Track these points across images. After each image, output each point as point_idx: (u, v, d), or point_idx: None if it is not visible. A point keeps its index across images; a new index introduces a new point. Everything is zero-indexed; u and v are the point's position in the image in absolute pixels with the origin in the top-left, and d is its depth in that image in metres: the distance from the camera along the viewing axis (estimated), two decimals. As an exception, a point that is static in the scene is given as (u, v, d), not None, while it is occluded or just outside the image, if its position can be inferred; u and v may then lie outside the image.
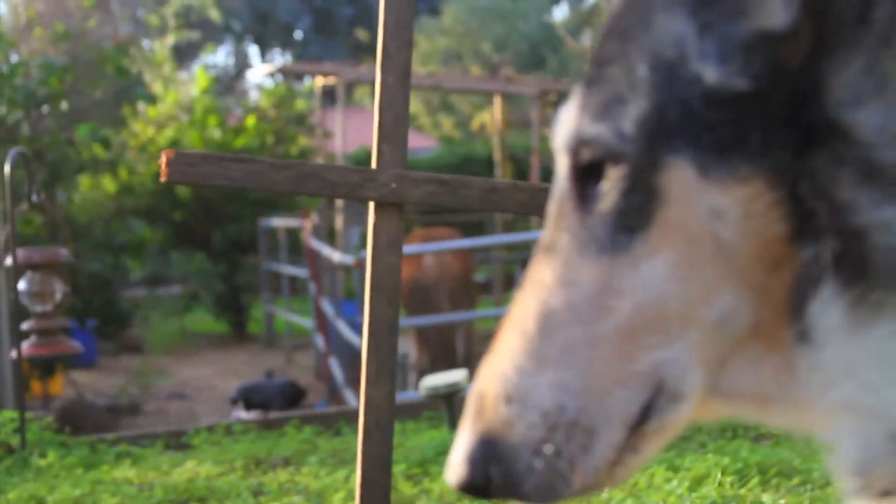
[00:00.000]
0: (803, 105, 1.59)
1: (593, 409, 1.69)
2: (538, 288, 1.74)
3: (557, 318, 1.71)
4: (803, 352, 1.64)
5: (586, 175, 1.69)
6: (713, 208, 1.60)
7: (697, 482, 5.85)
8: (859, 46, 1.56)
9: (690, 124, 1.60)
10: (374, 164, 4.65)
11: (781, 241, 1.61)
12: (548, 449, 1.69)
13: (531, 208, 5.40)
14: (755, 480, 5.72)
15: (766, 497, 5.48)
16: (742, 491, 5.60)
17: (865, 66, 1.56)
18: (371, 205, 4.66)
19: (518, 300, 1.77)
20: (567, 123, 1.72)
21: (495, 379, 1.74)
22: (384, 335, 4.61)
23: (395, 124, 4.64)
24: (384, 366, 4.62)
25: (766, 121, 1.59)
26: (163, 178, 4.27)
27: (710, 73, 1.59)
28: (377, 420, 4.63)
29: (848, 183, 1.56)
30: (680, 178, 1.61)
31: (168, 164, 4.21)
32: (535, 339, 1.72)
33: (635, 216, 1.64)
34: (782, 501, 5.39)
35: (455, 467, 1.74)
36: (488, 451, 1.72)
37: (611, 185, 1.64)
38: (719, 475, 5.85)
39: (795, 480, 5.68)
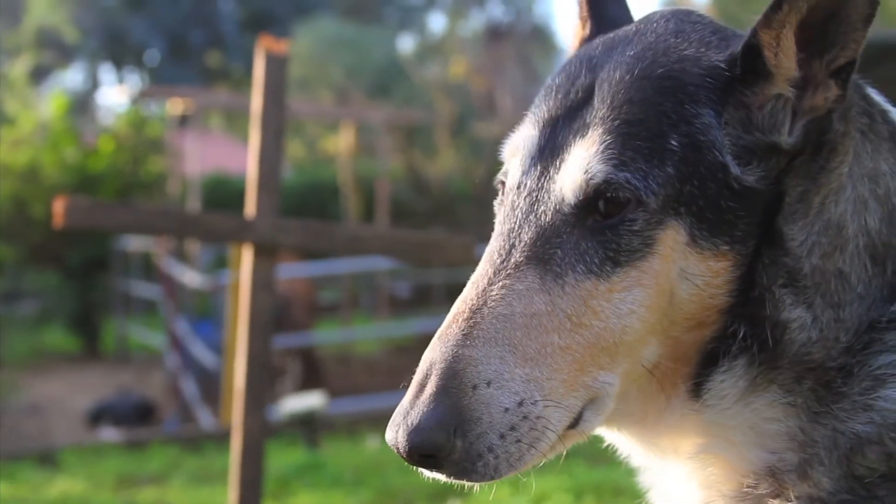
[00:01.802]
0: (770, 209, 1.98)
1: (553, 407, 1.94)
2: (526, 289, 1.98)
3: (541, 321, 1.95)
4: (689, 403, 2.01)
5: (593, 207, 1.99)
6: (686, 270, 1.96)
7: (539, 499, 6.26)
8: (804, 176, 1.98)
9: (701, 199, 1.96)
10: (251, 211, 5.03)
11: (716, 310, 1.99)
12: (512, 436, 1.90)
13: (391, 252, 5.88)
14: (590, 498, 6.19)
15: (599, 513, 5.90)
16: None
17: (803, 192, 1.98)
18: (248, 249, 5.03)
19: (496, 293, 1.98)
20: (583, 159, 1.99)
21: (472, 360, 1.92)
22: (258, 368, 4.99)
23: (270, 175, 5.03)
24: (258, 396, 4.99)
25: (752, 214, 1.97)
26: (57, 225, 4.59)
27: (734, 166, 1.96)
28: (250, 446, 5.01)
29: (779, 283, 1.96)
30: (674, 238, 1.97)
31: (65, 211, 4.54)
32: (519, 336, 1.94)
33: (626, 254, 1.96)
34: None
35: (418, 431, 1.86)
36: (460, 425, 1.87)
37: (621, 223, 1.96)
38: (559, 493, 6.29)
39: (626, 498, 6.07)
